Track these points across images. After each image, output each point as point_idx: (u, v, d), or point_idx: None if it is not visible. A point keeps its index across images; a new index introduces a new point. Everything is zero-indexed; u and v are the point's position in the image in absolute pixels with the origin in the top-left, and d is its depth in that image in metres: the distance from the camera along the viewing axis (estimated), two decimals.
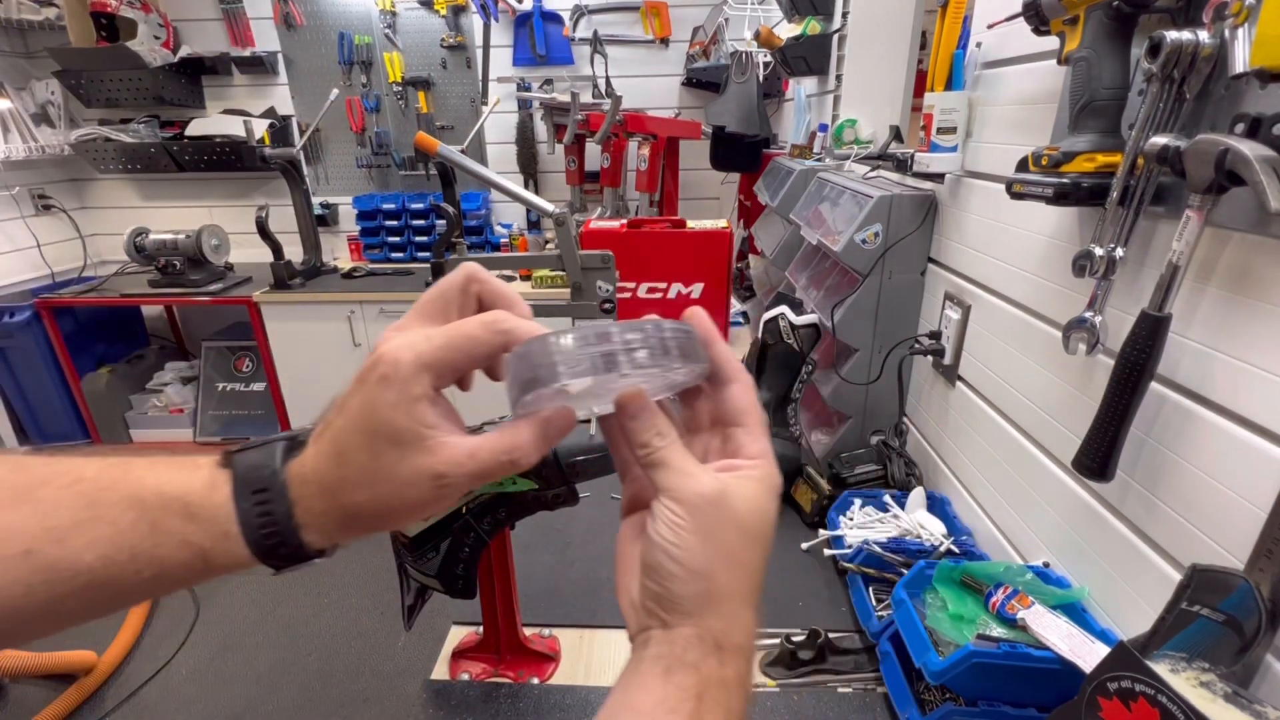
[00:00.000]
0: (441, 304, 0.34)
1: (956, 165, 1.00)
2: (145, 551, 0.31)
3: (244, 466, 0.33)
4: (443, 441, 0.31)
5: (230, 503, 0.32)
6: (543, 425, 0.33)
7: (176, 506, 0.31)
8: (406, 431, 0.30)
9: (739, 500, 0.32)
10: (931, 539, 0.93)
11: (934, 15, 1.00)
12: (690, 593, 0.31)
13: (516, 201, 2.06)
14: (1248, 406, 0.54)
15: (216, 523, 0.32)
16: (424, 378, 0.30)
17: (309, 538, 0.32)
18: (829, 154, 1.61)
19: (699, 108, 2.88)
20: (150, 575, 0.31)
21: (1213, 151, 0.48)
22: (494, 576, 0.79)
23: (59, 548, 0.30)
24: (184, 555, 0.31)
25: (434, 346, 0.31)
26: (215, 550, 0.32)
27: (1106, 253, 0.63)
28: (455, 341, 0.31)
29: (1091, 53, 0.62)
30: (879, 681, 0.78)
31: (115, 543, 0.31)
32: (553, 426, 0.33)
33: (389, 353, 0.30)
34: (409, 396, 0.30)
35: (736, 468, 0.33)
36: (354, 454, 0.31)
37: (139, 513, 0.31)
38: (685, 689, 0.30)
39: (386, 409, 0.30)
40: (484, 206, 3.12)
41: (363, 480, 0.31)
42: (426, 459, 0.31)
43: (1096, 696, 0.50)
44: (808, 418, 1.39)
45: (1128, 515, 0.67)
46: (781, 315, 1.20)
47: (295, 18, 2.88)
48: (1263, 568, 0.49)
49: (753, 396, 0.35)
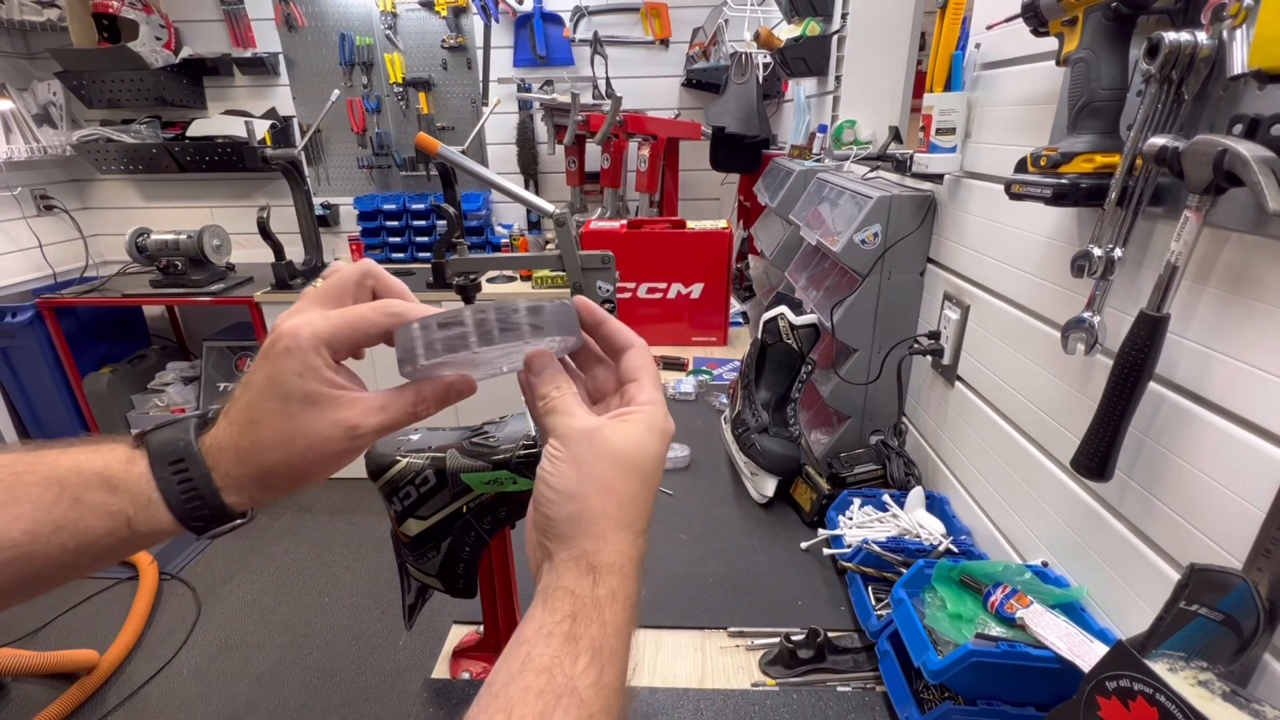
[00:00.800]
0: (338, 292, 0.37)
1: (955, 166, 1.01)
2: (69, 523, 0.33)
3: (158, 443, 0.35)
4: (355, 397, 0.35)
5: (149, 473, 0.34)
6: (444, 389, 0.38)
7: (96, 481, 0.34)
8: (318, 393, 0.34)
9: (615, 435, 0.35)
10: (930, 538, 0.94)
11: (933, 16, 1.00)
12: (563, 515, 0.34)
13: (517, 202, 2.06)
14: (1246, 406, 0.54)
15: (138, 492, 0.34)
16: (322, 350, 0.34)
17: (230, 499, 0.35)
18: (828, 155, 1.61)
19: (699, 109, 2.88)
20: (74, 546, 0.33)
21: (1211, 152, 0.48)
22: (494, 576, 0.79)
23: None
24: (107, 524, 0.33)
25: (331, 324, 0.34)
26: (138, 518, 0.34)
27: (1105, 253, 0.63)
28: (350, 320, 0.35)
29: (1090, 54, 0.62)
30: (878, 680, 0.78)
31: (37, 518, 0.32)
32: (453, 390, 0.38)
33: (289, 329, 0.34)
34: (310, 365, 0.34)
35: (624, 414, 0.37)
36: (266, 419, 0.34)
37: (59, 490, 0.33)
38: (560, 611, 0.32)
39: (293, 376, 0.34)
40: (484, 207, 3.13)
41: (278, 442, 0.34)
42: (342, 413, 0.35)
43: (1095, 695, 0.51)
44: (807, 417, 1.40)
45: (1126, 515, 0.67)
46: (781, 315, 1.20)
47: (296, 19, 2.89)
48: (1260, 567, 0.49)
49: (646, 358, 0.40)
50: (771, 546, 1.05)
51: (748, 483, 1.20)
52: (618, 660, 0.33)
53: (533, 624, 0.33)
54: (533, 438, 0.68)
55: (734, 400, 1.32)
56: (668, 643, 0.87)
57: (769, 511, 1.16)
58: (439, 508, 0.71)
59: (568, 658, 0.31)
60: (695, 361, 1.86)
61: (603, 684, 0.32)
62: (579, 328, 0.39)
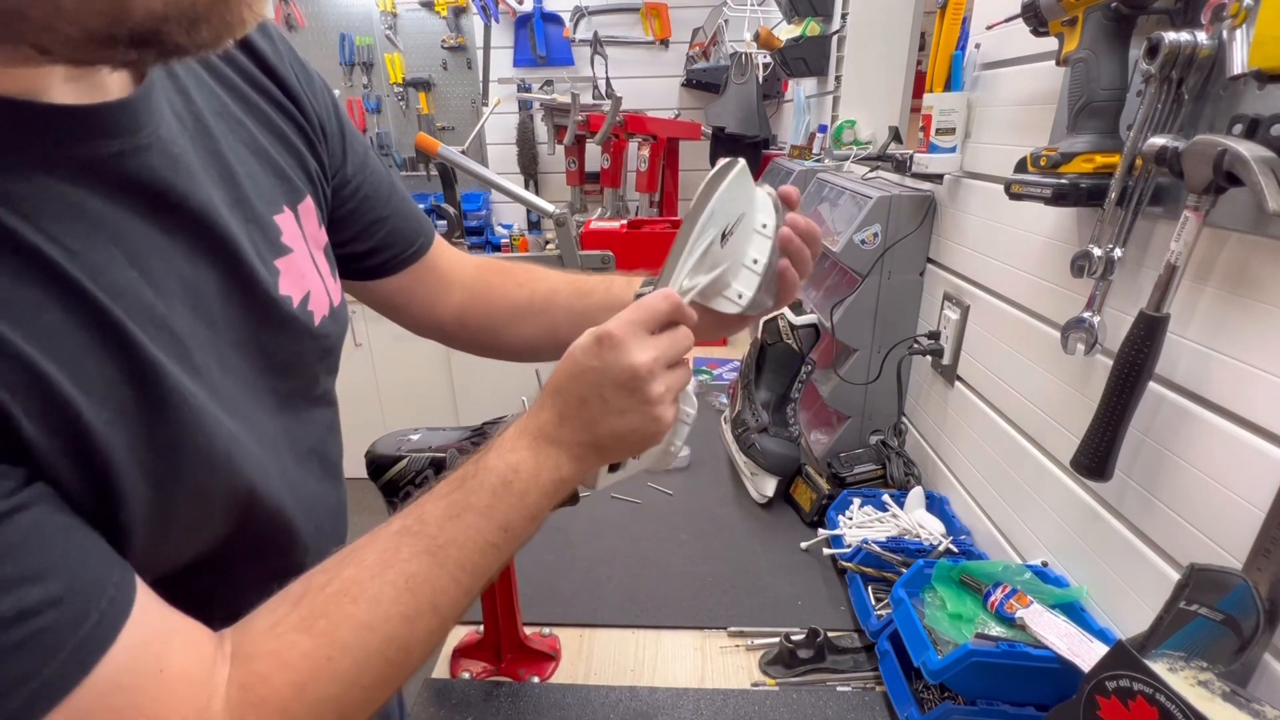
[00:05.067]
0: None
1: (955, 166, 1.01)
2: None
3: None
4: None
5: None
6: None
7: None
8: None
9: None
10: (930, 538, 0.94)
11: (933, 16, 1.00)
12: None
13: (517, 202, 2.06)
14: (1245, 406, 0.54)
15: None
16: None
17: None
18: (828, 155, 1.61)
19: (699, 109, 2.88)
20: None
21: (1211, 152, 0.48)
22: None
23: None
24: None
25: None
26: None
27: (1105, 253, 0.63)
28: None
29: (1090, 54, 0.62)
30: (878, 680, 0.78)
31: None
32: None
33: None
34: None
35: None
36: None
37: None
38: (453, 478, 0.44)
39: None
40: (484, 207, 3.13)
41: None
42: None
43: (1095, 695, 0.51)
44: (807, 417, 1.40)
45: (1126, 514, 0.67)
46: (781, 315, 1.20)
47: (296, 19, 2.89)
48: (1260, 567, 0.49)
49: (648, 302, 0.47)
50: (771, 546, 1.05)
51: (748, 483, 1.20)
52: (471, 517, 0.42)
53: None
54: None
55: (734, 400, 1.32)
56: (667, 643, 0.87)
57: (769, 511, 1.16)
58: None
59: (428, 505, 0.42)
60: (695, 361, 1.86)
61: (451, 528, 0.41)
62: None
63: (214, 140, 0.41)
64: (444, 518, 0.41)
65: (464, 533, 0.41)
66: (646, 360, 0.44)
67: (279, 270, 0.45)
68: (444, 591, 0.40)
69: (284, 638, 0.35)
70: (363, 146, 0.59)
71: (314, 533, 0.49)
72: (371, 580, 0.38)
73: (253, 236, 0.43)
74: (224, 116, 0.43)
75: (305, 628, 0.36)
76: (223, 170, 0.41)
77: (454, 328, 0.70)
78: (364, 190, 0.59)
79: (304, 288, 0.47)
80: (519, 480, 0.43)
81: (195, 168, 0.39)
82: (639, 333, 0.44)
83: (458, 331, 0.70)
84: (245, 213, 0.42)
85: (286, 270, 0.45)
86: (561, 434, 0.45)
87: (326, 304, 0.50)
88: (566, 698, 0.78)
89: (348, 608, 0.36)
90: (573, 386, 0.45)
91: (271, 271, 0.44)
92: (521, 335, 0.70)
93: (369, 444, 0.72)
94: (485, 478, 0.43)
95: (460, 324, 0.70)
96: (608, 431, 0.45)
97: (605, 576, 0.99)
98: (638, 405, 0.45)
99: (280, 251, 0.45)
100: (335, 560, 0.39)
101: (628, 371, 0.43)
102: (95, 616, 0.29)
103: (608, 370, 0.44)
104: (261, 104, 0.47)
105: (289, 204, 0.47)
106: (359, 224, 0.59)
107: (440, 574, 0.40)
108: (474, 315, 0.70)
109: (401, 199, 0.63)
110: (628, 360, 0.43)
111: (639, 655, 0.85)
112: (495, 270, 0.72)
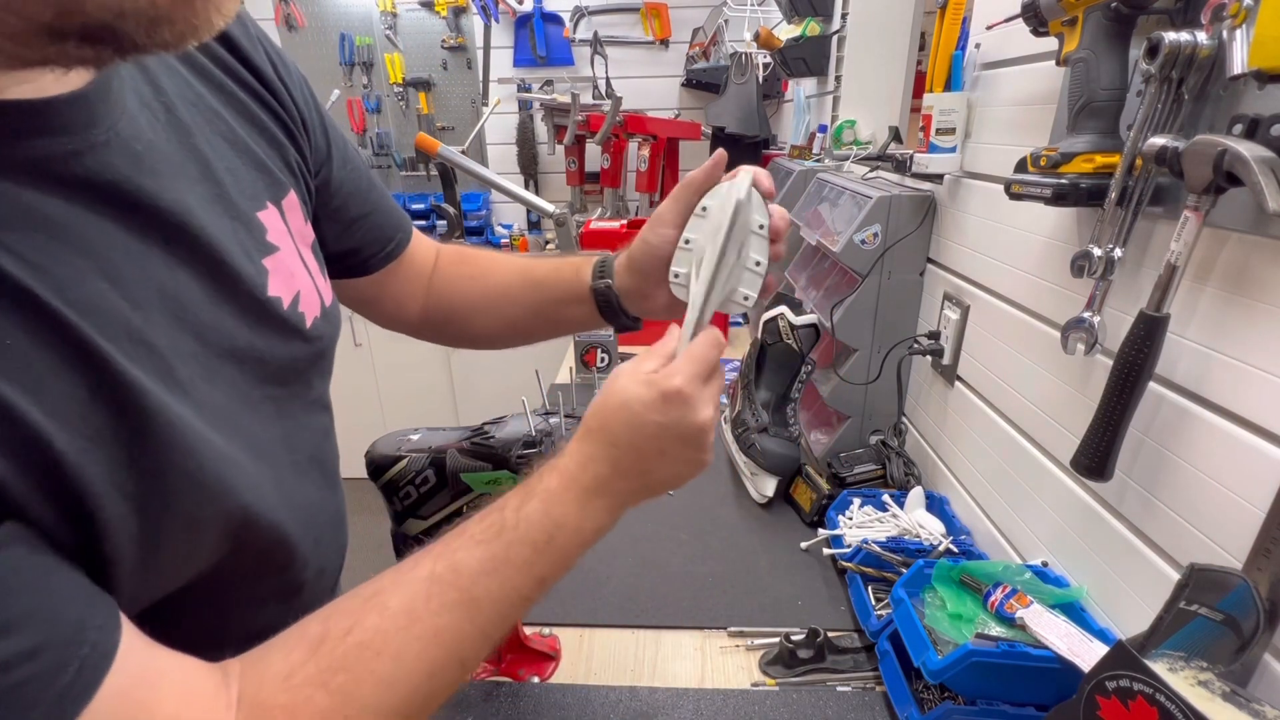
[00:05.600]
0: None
1: (955, 166, 1.01)
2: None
3: (598, 260, 0.64)
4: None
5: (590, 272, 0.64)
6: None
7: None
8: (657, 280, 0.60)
9: (610, 383, 0.47)
10: (930, 538, 0.94)
11: (933, 16, 1.00)
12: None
13: (517, 202, 2.06)
14: (1245, 406, 0.54)
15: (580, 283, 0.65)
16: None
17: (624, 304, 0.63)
18: (828, 155, 1.61)
19: (699, 109, 2.88)
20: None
21: (1211, 152, 0.48)
22: None
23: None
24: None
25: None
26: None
27: (1105, 253, 0.63)
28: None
29: (1090, 54, 0.62)
30: (878, 680, 0.78)
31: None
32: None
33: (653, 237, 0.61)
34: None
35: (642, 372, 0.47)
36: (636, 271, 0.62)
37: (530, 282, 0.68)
38: (486, 520, 0.43)
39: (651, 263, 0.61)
40: (484, 207, 3.13)
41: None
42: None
43: (1095, 695, 0.51)
44: (807, 417, 1.40)
45: (1126, 514, 0.67)
46: (781, 315, 1.20)
47: (296, 19, 2.89)
48: (1260, 567, 0.49)
49: (702, 340, 0.48)
50: (771, 546, 1.05)
51: (748, 483, 1.20)
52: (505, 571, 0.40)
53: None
54: (533, 438, 0.68)
55: (734, 400, 1.32)
56: (667, 643, 0.87)
57: (769, 511, 1.16)
58: (439, 508, 0.71)
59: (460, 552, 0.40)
60: None
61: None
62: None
63: (189, 133, 0.39)
64: (479, 571, 0.39)
65: (500, 588, 0.39)
66: (712, 414, 0.44)
67: (267, 270, 0.42)
68: (471, 643, 0.38)
69: (299, 691, 0.33)
70: (343, 140, 0.57)
71: (313, 545, 0.47)
72: (397, 633, 0.36)
73: (238, 235, 0.40)
74: (198, 107, 0.41)
75: (323, 682, 0.34)
76: (200, 165, 0.39)
77: (419, 323, 0.70)
78: (347, 187, 0.57)
79: (294, 287, 0.45)
80: (562, 535, 0.41)
81: (167, 164, 0.36)
82: (701, 386, 0.44)
83: (423, 326, 0.70)
84: (227, 210, 0.40)
85: (275, 270, 0.43)
86: (614, 485, 0.44)
87: (318, 304, 0.48)
88: (566, 698, 0.78)
89: (370, 663, 0.35)
90: (631, 438, 0.43)
91: (259, 271, 0.42)
92: (482, 327, 0.70)
93: (369, 444, 0.72)
94: (527, 531, 0.41)
95: (425, 319, 0.70)
96: (660, 479, 0.45)
97: (605, 576, 0.99)
98: (695, 454, 0.45)
99: (267, 250, 0.43)
100: (358, 603, 0.37)
101: (696, 428, 0.43)
102: (75, 665, 0.27)
103: (676, 426, 0.43)
104: (238, 92, 0.44)
105: (272, 199, 0.45)
106: (342, 221, 0.57)
107: (470, 628, 0.38)
108: (437, 309, 0.69)
109: (381, 194, 0.62)
110: (696, 418, 0.43)
111: (639, 655, 0.85)
112: (453, 260, 0.71)
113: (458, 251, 0.71)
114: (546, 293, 0.67)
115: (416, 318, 0.69)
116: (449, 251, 0.71)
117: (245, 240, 0.41)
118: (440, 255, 0.71)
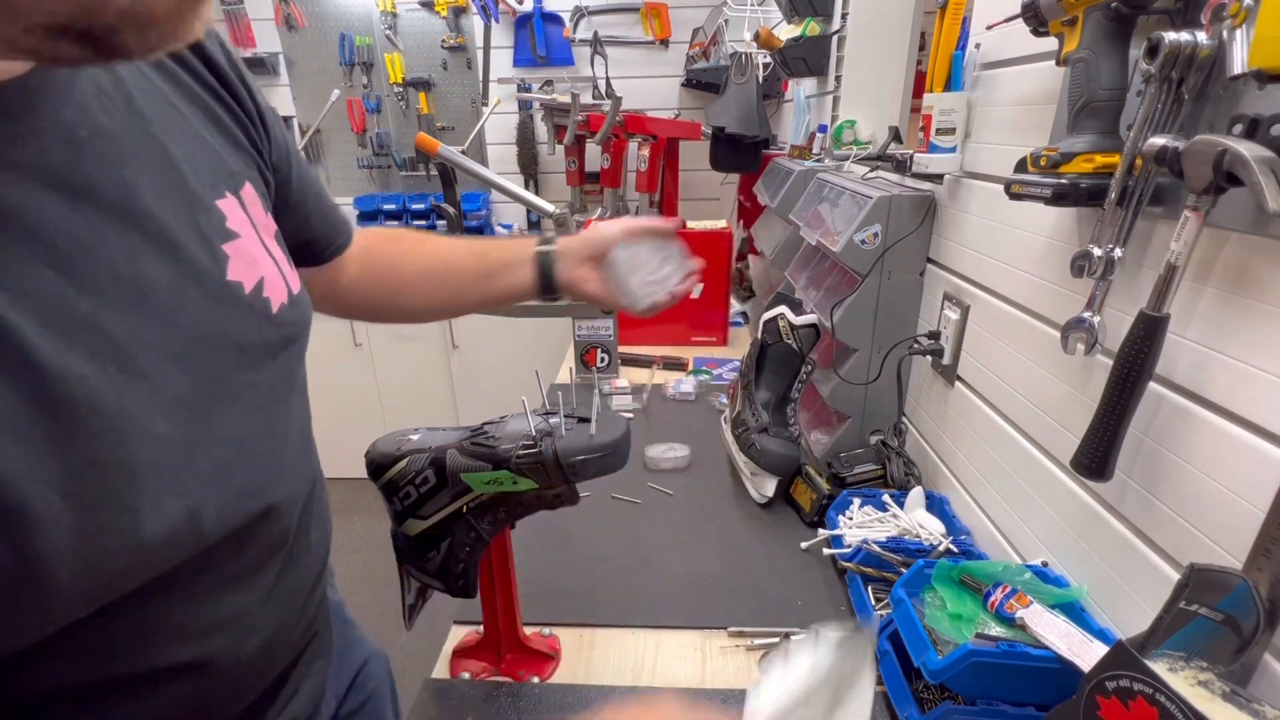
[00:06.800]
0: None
1: (955, 166, 1.01)
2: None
3: (543, 237, 0.76)
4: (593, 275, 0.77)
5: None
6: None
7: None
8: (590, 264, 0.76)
9: None
10: (930, 538, 0.94)
11: (933, 16, 1.00)
12: None
13: (517, 202, 2.06)
14: (1245, 406, 0.54)
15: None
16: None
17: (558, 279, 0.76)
18: (828, 155, 1.61)
19: (699, 109, 2.88)
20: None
21: (1211, 152, 0.48)
22: (494, 576, 0.79)
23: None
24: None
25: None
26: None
27: (1105, 253, 0.63)
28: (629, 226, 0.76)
29: (1090, 54, 0.62)
30: (878, 680, 0.78)
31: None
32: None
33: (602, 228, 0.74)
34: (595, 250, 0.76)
35: None
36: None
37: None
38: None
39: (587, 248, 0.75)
40: (484, 207, 3.13)
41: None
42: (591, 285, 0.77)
43: (1095, 695, 0.51)
44: (807, 417, 1.40)
45: (1126, 514, 0.67)
46: (781, 315, 1.20)
47: (296, 19, 2.89)
48: (1260, 567, 0.49)
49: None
50: (771, 546, 1.05)
51: (748, 483, 1.20)
52: None
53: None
54: (533, 438, 0.68)
55: (734, 400, 1.32)
56: (668, 643, 0.87)
57: (769, 511, 1.16)
58: (439, 508, 0.71)
59: None
60: (695, 361, 1.86)
61: None
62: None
63: (146, 122, 0.39)
64: None
65: None
66: None
67: (227, 255, 0.43)
68: None
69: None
70: (290, 141, 0.59)
71: (302, 513, 0.51)
72: None
73: (196, 221, 0.41)
74: (155, 98, 0.41)
75: None
76: (158, 153, 0.39)
77: (348, 302, 0.73)
78: (304, 182, 0.60)
79: (256, 274, 0.45)
80: None
81: (118, 151, 0.36)
82: None
83: (352, 305, 0.74)
84: (185, 196, 0.40)
85: (235, 255, 0.44)
86: None
87: (284, 291, 0.48)
88: (566, 698, 0.78)
89: None
90: None
91: (219, 257, 0.42)
92: (420, 299, 0.76)
93: (369, 444, 0.72)
94: None
95: (356, 296, 0.73)
96: None
97: (605, 576, 0.99)
98: None
99: (227, 236, 0.43)
100: None
101: None
102: None
103: None
104: (195, 87, 0.45)
105: (230, 189, 0.45)
106: (301, 215, 0.61)
107: None
108: (368, 286, 0.74)
109: (323, 196, 0.65)
110: None
111: (639, 655, 0.85)
112: (383, 239, 0.76)
113: (387, 232, 0.78)
114: (492, 259, 0.76)
115: (345, 297, 0.73)
116: (378, 232, 0.77)
117: (204, 226, 0.42)
118: (370, 235, 0.75)
